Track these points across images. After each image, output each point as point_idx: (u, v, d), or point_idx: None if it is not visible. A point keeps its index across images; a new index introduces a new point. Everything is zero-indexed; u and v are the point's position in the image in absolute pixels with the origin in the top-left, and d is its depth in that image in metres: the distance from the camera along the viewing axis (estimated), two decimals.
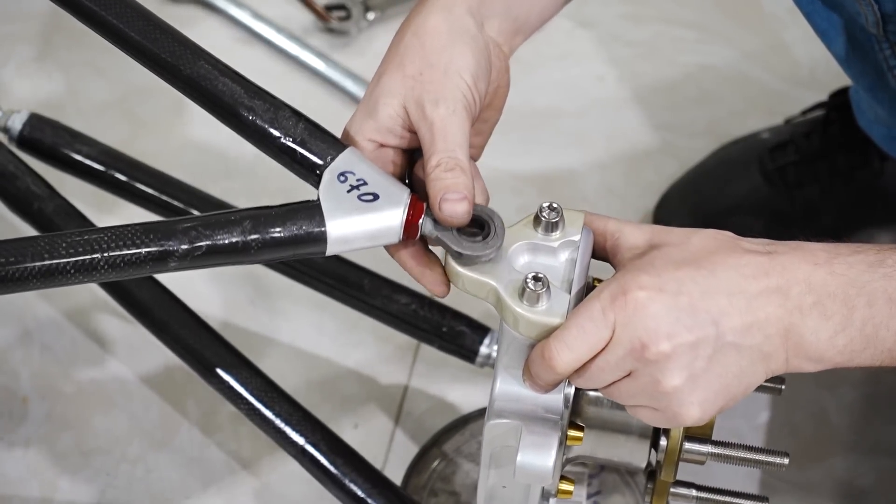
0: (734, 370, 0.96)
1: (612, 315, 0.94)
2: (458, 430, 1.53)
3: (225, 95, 1.04)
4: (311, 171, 1.03)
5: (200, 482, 1.55)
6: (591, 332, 0.95)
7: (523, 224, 1.04)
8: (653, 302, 0.94)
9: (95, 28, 1.09)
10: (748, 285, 0.95)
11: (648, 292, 0.94)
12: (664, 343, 0.93)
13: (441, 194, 1.01)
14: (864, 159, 1.70)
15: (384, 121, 1.05)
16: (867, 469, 1.58)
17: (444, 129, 1.03)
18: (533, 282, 0.97)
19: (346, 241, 1.00)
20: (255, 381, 1.33)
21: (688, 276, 0.95)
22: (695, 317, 0.94)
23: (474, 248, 1.01)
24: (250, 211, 1.00)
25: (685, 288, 0.94)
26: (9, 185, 1.41)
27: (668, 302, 0.94)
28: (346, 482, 1.30)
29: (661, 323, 0.94)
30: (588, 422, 1.05)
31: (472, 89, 1.06)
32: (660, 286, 0.94)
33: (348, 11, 2.01)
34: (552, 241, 1.02)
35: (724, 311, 0.94)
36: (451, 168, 1.01)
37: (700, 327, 0.94)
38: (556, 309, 0.98)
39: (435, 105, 1.03)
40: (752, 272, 0.95)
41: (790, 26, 2.05)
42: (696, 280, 0.95)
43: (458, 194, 1.01)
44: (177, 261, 0.97)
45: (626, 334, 0.94)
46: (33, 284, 0.97)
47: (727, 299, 0.94)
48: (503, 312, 0.99)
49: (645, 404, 0.97)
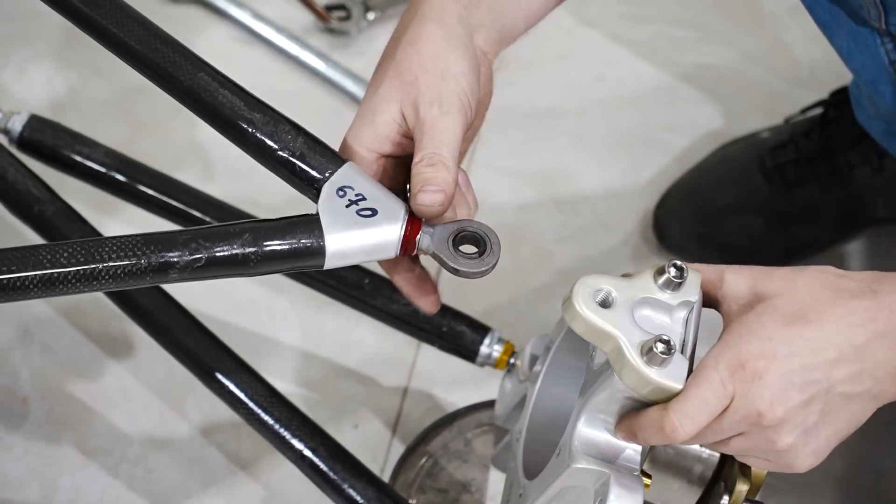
0: (845, 416, 0.98)
1: (732, 387, 0.96)
2: (446, 427, 1.53)
3: (224, 107, 1.04)
4: (310, 184, 1.03)
5: (201, 482, 1.55)
6: (712, 404, 0.96)
7: (645, 275, 1.03)
8: (768, 371, 0.95)
9: (96, 37, 1.09)
10: (856, 335, 0.97)
11: (765, 362, 0.95)
12: (779, 409, 0.95)
13: (419, 186, 1.02)
14: (863, 157, 1.70)
15: (382, 128, 1.06)
16: (867, 469, 1.58)
17: (434, 127, 1.04)
18: (661, 344, 0.97)
19: (344, 256, 1.01)
20: (255, 385, 1.33)
21: (798, 336, 0.96)
22: (806, 376, 0.96)
23: (470, 265, 1.01)
24: (250, 223, 1.00)
25: (796, 348, 0.96)
26: (9, 187, 1.41)
27: (782, 368, 0.95)
28: (345, 488, 1.30)
29: (776, 391, 0.95)
30: (652, 466, 1.07)
31: (469, 93, 1.07)
32: (773, 352, 0.96)
33: (348, 11, 2.01)
34: (671, 298, 1.02)
35: (833, 365, 0.96)
36: (433, 164, 1.03)
37: (812, 386, 0.96)
38: (676, 374, 0.98)
39: (429, 106, 1.05)
40: (859, 319, 0.97)
41: (790, 26, 2.05)
42: (806, 338, 0.96)
43: (435, 186, 1.02)
44: (177, 272, 0.98)
45: (743, 404, 0.96)
46: (34, 293, 0.97)
47: (836, 352, 0.96)
48: (619, 364, 0.99)
49: (758, 457, 1.00)
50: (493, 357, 1.44)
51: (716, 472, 1.08)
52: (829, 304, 0.98)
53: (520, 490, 1.17)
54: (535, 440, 1.24)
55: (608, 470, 1.02)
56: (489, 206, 1.81)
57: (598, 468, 1.02)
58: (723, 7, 2.08)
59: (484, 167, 1.86)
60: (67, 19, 1.10)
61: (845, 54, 1.38)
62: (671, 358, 0.97)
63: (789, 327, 0.97)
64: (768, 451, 0.98)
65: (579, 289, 1.00)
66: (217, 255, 0.98)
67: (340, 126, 1.10)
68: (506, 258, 1.04)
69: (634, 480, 1.01)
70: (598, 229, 1.81)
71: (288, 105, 1.13)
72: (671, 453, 1.07)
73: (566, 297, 1.00)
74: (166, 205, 1.51)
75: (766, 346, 0.96)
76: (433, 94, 1.05)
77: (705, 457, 1.08)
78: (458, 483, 1.49)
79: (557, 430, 1.10)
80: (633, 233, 1.81)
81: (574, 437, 1.03)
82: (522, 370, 1.35)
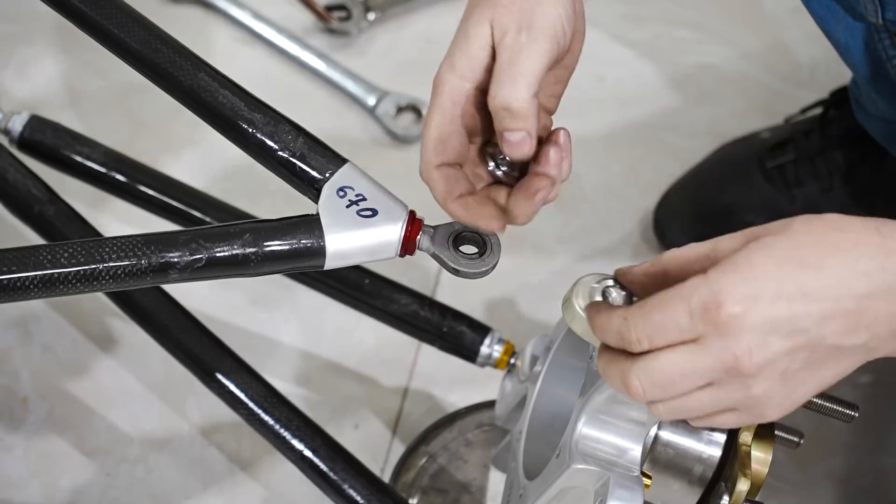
0: (832, 368, 0.91)
1: (701, 327, 0.89)
2: (447, 428, 1.54)
3: (225, 108, 1.04)
4: (311, 185, 1.03)
5: (201, 482, 1.55)
6: (670, 332, 0.89)
7: None
8: (747, 315, 0.88)
9: (96, 37, 1.09)
10: (859, 284, 0.89)
11: (744, 305, 0.88)
12: (758, 356, 0.88)
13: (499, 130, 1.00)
14: (863, 156, 1.70)
15: (476, 52, 1.01)
16: (867, 469, 1.58)
17: (518, 56, 0.99)
18: None
19: (345, 256, 1.01)
20: (255, 386, 1.33)
21: (789, 277, 0.88)
22: (793, 324, 0.88)
23: (470, 265, 1.02)
24: (250, 224, 1.00)
25: (785, 291, 0.88)
26: (9, 188, 1.41)
27: (765, 312, 0.87)
28: (346, 488, 1.30)
29: (756, 336, 0.88)
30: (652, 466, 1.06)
31: (565, 21, 1.01)
32: (756, 294, 0.88)
33: (349, 12, 2.01)
34: None
35: (826, 314, 0.88)
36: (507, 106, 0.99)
37: (798, 335, 0.89)
38: None
39: (518, 32, 0.99)
40: (865, 267, 0.89)
41: (790, 26, 2.05)
42: (798, 281, 0.88)
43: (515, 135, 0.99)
44: (177, 272, 0.98)
45: (715, 347, 0.89)
46: (34, 294, 0.98)
47: (834, 302, 0.88)
48: None
49: (727, 408, 0.92)
50: (493, 357, 1.44)
51: (716, 472, 1.08)
52: (832, 248, 0.89)
53: (520, 490, 1.17)
54: (535, 440, 1.24)
55: (608, 470, 1.02)
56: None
57: (598, 468, 1.02)
58: (723, 7, 2.08)
59: None
60: (67, 19, 1.10)
61: (843, 50, 1.38)
62: None
63: (781, 267, 0.88)
64: (739, 399, 0.91)
65: (579, 289, 1.00)
66: (217, 256, 0.98)
67: (341, 126, 1.10)
68: (506, 258, 1.04)
69: (634, 481, 1.01)
70: (598, 229, 1.81)
71: (288, 105, 1.13)
72: (671, 454, 1.07)
73: (566, 298, 1.00)
74: (166, 205, 1.51)
75: (749, 288, 0.88)
76: (526, 20, 0.99)
77: (706, 457, 1.08)
78: (458, 483, 1.49)
79: (557, 431, 1.10)
80: (633, 233, 1.81)
81: (574, 437, 1.03)
82: (523, 370, 1.35)
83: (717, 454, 1.08)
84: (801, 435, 1.11)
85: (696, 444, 1.08)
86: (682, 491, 1.08)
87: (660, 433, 1.08)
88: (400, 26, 2.01)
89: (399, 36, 2.01)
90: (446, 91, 1.02)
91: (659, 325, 0.90)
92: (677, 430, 1.08)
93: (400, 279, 1.48)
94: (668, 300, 0.90)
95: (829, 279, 0.88)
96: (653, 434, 1.07)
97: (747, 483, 1.05)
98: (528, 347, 1.36)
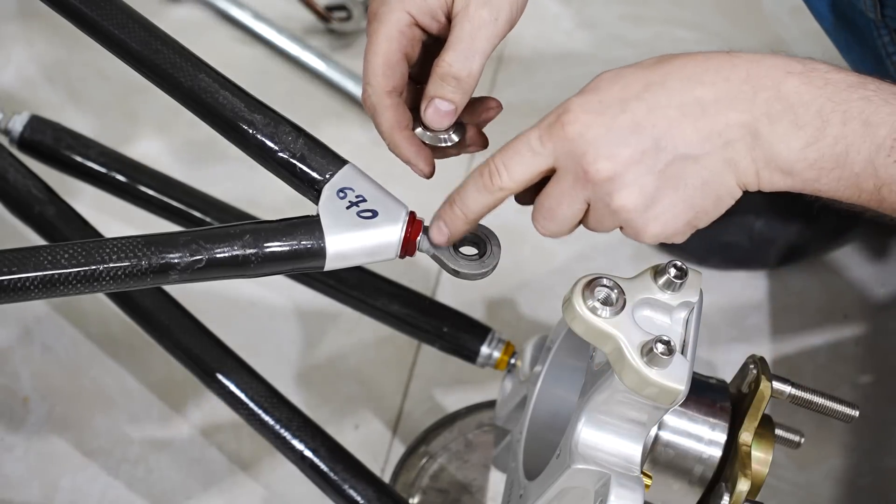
0: (694, 182, 0.93)
1: (550, 144, 0.93)
2: (447, 428, 1.54)
3: (225, 109, 1.04)
4: (311, 186, 1.03)
5: (201, 483, 1.55)
6: (526, 157, 0.94)
7: (645, 276, 1.03)
8: (589, 127, 0.92)
9: (96, 38, 1.09)
10: (704, 92, 0.92)
11: (587, 116, 0.92)
12: (603, 163, 0.92)
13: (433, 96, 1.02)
14: None
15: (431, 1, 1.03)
16: (867, 469, 1.58)
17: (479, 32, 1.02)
18: (661, 345, 0.96)
19: (345, 257, 1.01)
20: (255, 386, 1.33)
21: (633, 94, 0.92)
22: (638, 134, 0.91)
23: (470, 266, 1.02)
24: (250, 225, 1.00)
25: (629, 107, 0.92)
26: (10, 188, 1.41)
27: (608, 123, 0.91)
28: (346, 488, 1.30)
29: (600, 146, 0.91)
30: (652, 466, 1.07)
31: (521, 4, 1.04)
32: (599, 109, 0.92)
33: (349, 12, 2.01)
34: (672, 299, 1.02)
35: (673, 123, 0.92)
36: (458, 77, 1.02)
37: (642, 142, 0.91)
38: (677, 374, 0.97)
39: (481, 5, 1.02)
40: (710, 79, 0.92)
41: (790, 27, 2.05)
42: (642, 97, 0.92)
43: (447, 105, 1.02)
44: (177, 273, 0.98)
45: (568, 162, 0.93)
46: (35, 294, 0.98)
47: (678, 110, 0.92)
48: (619, 365, 0.98)
49: (612, 226, 0.97)
50: (493, 358, 1.44)
51: (716, 472, 1.08)
52: (679, 63, 0.93)
53: (520, 490, 1.17)
54: (535, 441, 1.24)
55: (608, 470, 1.02)
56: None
57: (598, 469, 1.02)
58: (723, 7, 2.08)
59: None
60: (67, 19, 1.10)
61: (843, 47, 1.38)
62: (672, 359, 0.97)
63: (627, 87, 0.92)
64: (612, 215, 0.95)
65: (579, 289, 1.00)
66: (217, 257, 0.98)
67: (341, 127, 1.10)
68: (506, 258, 1.04)
69: (635, 481, 1.01)
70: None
71: (288, 106, 1.13)
72: (672, 454, 1.07)
73: (566, 298, 1.00)
74: (167, 205, 1.51)
75: (593, 103, 0.92)
76: None
77: (706, 457, 1.08)
78: (458, 483, 1.49)
79: (558, 431, 1.10)
80: None
81: (574, 437, 1.03)
82: (523, 371, 1.35)
83: (718, 454, 1.08)
84: (801, 435, 1.11)
85: (696, 444, 1.08)
86: (682, 491, 1.08)
87: (660, 433, 1.08)
88: None
89: None
90: (394, 20, 1.04)
91: (512, 149, 0.95)
92: (678, 430, 1.08)
93: (400, 279, 1.49)
94: (520, 134, 0.95)
95: (673, 91, 0.91)
96: (653, 434, 1.08)
97: (748, 483, 1.05)
98: (528, 348, 1.36)
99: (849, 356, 1.68)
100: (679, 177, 0.93)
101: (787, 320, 1.71)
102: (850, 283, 1.75)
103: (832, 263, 1.76)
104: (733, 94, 0.92)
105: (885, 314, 1.72)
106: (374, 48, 1.05)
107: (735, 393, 1.12)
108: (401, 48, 1.04)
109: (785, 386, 1.10)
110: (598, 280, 1.00)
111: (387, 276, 1.48)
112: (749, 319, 1.71)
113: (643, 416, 1.02)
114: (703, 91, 0.92)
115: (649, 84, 0.92)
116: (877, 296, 1.73)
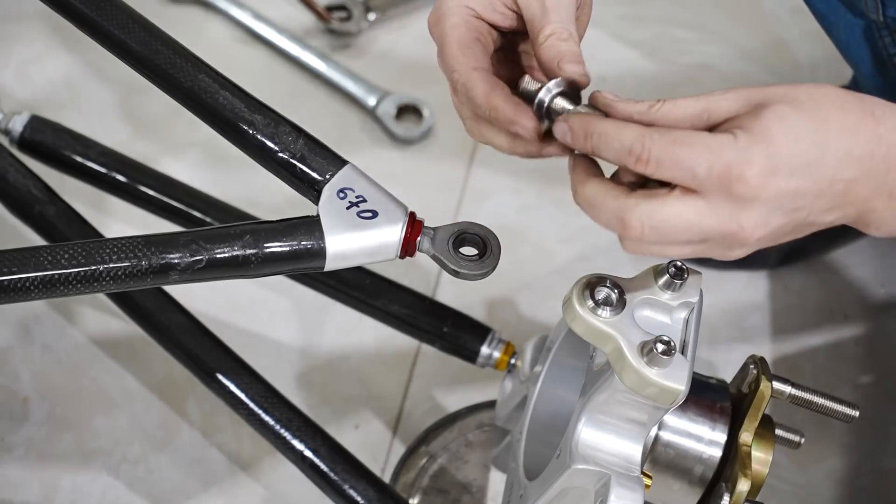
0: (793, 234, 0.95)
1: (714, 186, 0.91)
2: (447, 428, 1.54)
3: (225, 109, 1.04)
4: (311, 186, 1.03)
5: (201, 483, 1.55)
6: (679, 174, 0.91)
7: (645, 275, 1.03)
8: (765, 190, 0.91)
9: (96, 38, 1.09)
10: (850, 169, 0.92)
11: (764, 180, 0.90)
12: (759, 231, 0.91)
13: (559, 58, 0.99)
14: None
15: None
16: (867, 469, 1.58)
17: (558, 4, 1.01)
18: (661, 345, 0.96)
19: (345, 258, 1.01)
20: (255, 386, 1.33)
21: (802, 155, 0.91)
22: (795, 201, 0.91)
23: (470, 267, 1.02)
24: (251, 225, 1.00)
25: (797, 169, 0.91)
26: (10, 188, 1.42)
27: (778, 187, 0.91)
28: (346, 488, 1.30)
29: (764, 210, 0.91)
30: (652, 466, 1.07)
31: None
32: (775, 169, 0.90)
33: (349, 12, 2.01)
34: (672, 299, 1.02)
35: (819, 195, 0.92)
36: (566, 38, 1.00)
37: (795, 212, 0.92)
38: (677, 374, 0.97)
39: None
40: (859, 153, 0.92)
41: (790, 26, 2.05)
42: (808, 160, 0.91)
43: (574, 58, 1.00)
44: (178, 273, 0.98)
45: (725, 212, 0.91)
46: (35, 294, 0.98)
47: (828, 185, 0.92)
48: (619, 365, 0.99)
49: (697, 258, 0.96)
50: (493, 358, 1.44)
51: (716, 472, 1.08)
52: (837, 129, 0.92)
53: (520, 491, 1.17)
54: (535, 441, 1.24)
55: (609, 470, 1.02)
56: (489, 206, 1.81)
57: (598, 469, 1.02)
58: (723, 7, 2.08)
59: (484, 167, 1.86)
60: (67, 20, 1.10)
61: (844, 47, 1.38)
62: (671, 359, 0.97)
63: (797, 144, 0.91)
64: (714, 255, 0.94)
65: (579, 289, 1.00)
66: (218, 257, 0.98)
67: (341, 127, 1.10)
68: (506, 258, 1.04)
69: (635, 481, 1.01)
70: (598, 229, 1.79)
71: (288, 106, 1.13)
72: (672, 454, 1.07)
73: (566, 298, 1.00)
74: (167, 205, 1.51)
75: (771, 161, 0.90)
76: None
77: (706, 457, 1.08)
78: (458, 483, 1.49)
79: (558, 431, 1.10)
80: None
81: (575, 437, 1.03)
82: (523, 371, 1.35)
83: (718, 454, 1.08)
84: (801, 435, 1.11)
85: (696, 444, 1.08)
86: (682, 491, 1.08)
87: (660, 433, 1.08)
88: (400, 27, 2.01)
89: (399, 36, 2.01)
90: (456, 11, 1.03)
91: (676, 157, 0.91)
92: (678, 430, 1.08)
93: (400, 279, 1.49)
94: (695, 143, 0.91)
95: (830, 161, 0.92)
96: (653, 434, 1.08)
97: (748, 483, 1.05)
98: (528, 348, 1.36)
99: (849, 356, 1.68)
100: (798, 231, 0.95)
101: (787, 320, 1.71)
102: (850, 283, 1.75)
103: (832, 263, 1.76)
104: (871, 172, 0.93)
105: (886, 314, 1.72)
106: (446, 38, 1.03)
107: (735, 393, 1.12)
108: (470, 33, 1.03)
109: (785, 386, 1.10)
110: (599, 280, 1.00)
111: (387, 277, 1.48)
112: (749, 319, 1.71)
113: (643, 417, 1.02)
114: (850, 168, 0.92)
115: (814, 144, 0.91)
116: (877, 296, 1.73)
